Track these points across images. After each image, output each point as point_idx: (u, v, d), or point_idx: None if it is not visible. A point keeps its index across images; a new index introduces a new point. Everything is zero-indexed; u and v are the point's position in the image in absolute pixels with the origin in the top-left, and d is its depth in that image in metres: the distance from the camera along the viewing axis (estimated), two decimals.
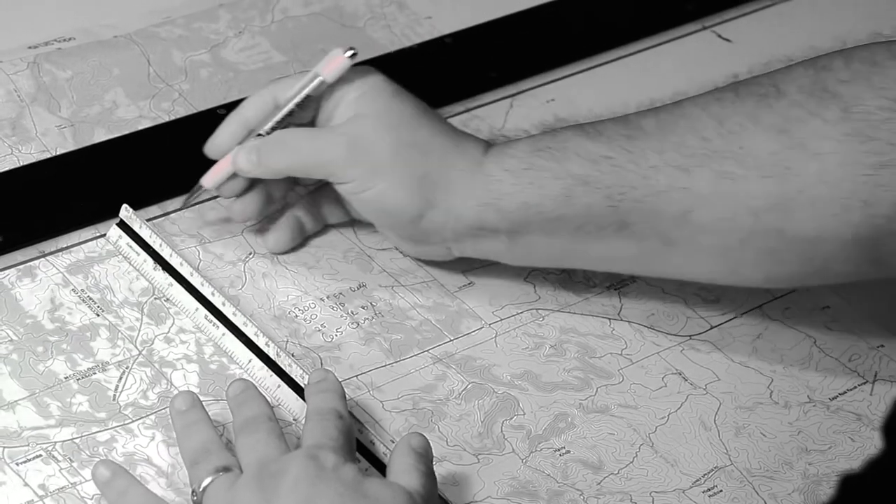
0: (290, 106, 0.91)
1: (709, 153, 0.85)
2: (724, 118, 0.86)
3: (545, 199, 0.88)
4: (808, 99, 0.84)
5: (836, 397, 0.92)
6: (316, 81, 0.90)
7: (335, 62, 0.90)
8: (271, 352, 0.87)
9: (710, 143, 0.86)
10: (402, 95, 0.91)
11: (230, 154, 0.91)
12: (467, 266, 0.95)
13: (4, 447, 0.82)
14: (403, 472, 0.79)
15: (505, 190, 0.88)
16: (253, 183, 0.92)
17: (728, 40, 1.14)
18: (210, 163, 0.93)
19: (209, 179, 0.92)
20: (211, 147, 0.92)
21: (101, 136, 0.99)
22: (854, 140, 0.83)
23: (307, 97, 0.90)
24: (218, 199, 0.97)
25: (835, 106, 0.84)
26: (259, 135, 0.91)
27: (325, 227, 0.96)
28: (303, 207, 0.94)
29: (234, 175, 0.92)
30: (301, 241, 0.94)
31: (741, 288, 0.94)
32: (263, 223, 0.94)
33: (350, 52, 0.90)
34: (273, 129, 0.91)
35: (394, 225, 0.91)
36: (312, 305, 0.92)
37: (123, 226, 0.93)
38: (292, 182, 0.94)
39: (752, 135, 0.85)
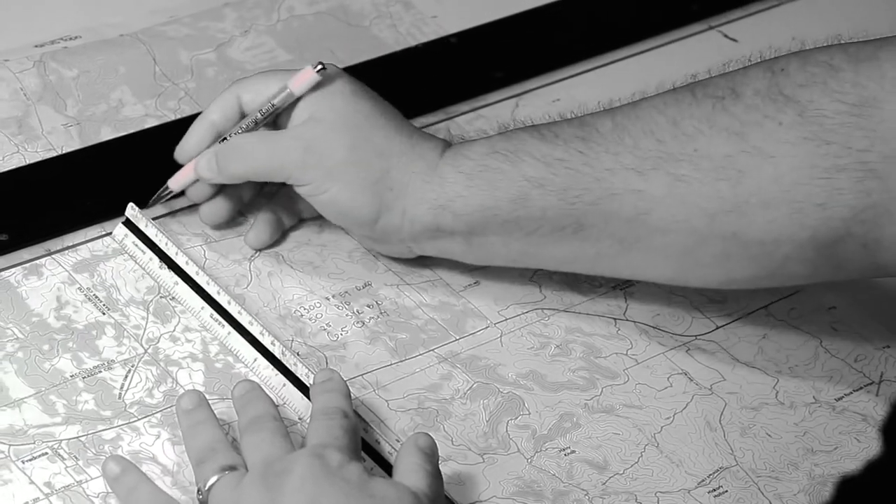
0: (257, 115, 0.91)
1: (663, 156, 0.85)
2: (679, 120, 0.86)
3: (500, 202, 0.88)
4: (764, 102, 0.84)
5: (841, 398, 0.92)
6: (284, 94, 0.91)
7: (304, 76, 0.90)
8: (277, 351, 0.87)
9: (665, 146, 0.86)
10: (361, 96, 0.91)
11: (193, 161, 0.92)
12: (473, 265, 0.95)
13: (10, 445, 0.82)
14: (410, 472, 0.79)
15: (459, 192, 0.88)
16: (221, 186, 0.93)
17: (734, 40, 1.14)
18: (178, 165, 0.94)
19: (176, 182, 0.93)
20: (180, 152, 0.93)
21: (107, 134, 0.99)
22: (810, 143, 0.83)
23: (274, 108, 0.91)
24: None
25: (790, 110, 0.84)
26: (224, 139, 0.92)
27: (330, 227, 0.96)
28: (278, 203, 0.95)
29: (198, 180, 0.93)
30: (279, 235, 0.94)
31: (742, 290, 0.94)
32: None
33: (319, 68, 0.90)
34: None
35: (351, 226, 0.92)
36: (318, 304, 0.92)
37: (129, 224, 0.93)
38: (259, 184, 0.94)
39: (707, 138, 0.85)
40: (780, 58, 0.87)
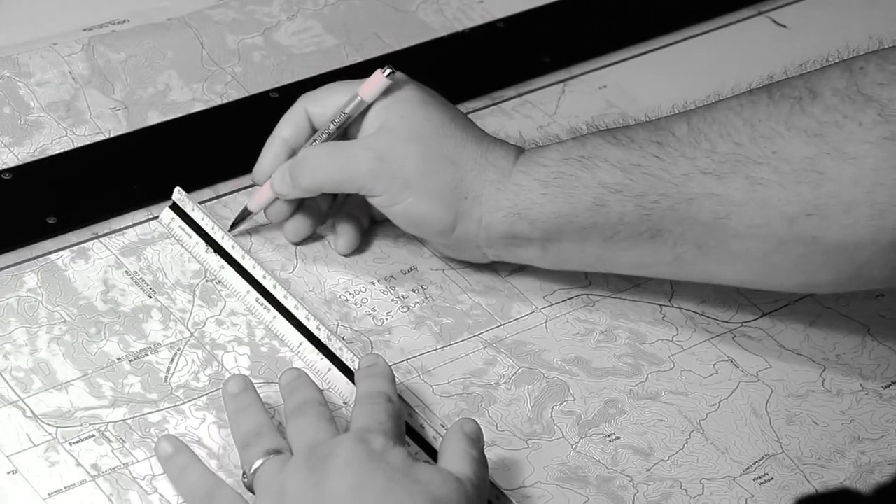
0: (330, 126, 0.91)
1: (742, 159, 0.85)
2: (756, 122, 0.85)
3: (576, 209, 0.87)
4: (843, 102, 0.83)
5: (888, 386, 0.91)
6: (355, 101, 0.90)
7: (374, 81, 0.89)
8: (322, 335, 0.88)
9: (743, 149, 0.85)
10: (431, 103, 0.90)
11: (270, 178, 0.92)
12: None
13: (58, 427, 0.83)
14: (455, 458, 0.79)
15: (534, 200, 0.88)
16: (299, 203, 0.92)
17: (783, 26, 1.13)
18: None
19: (255, 204, 0.93)
20: (257, 173, 0.92)
21: (154, 118, 0.99)
22: (891, 143, 0.82)
23: (347, 117, 0.90)
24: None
25: (870, 109, 0.83)
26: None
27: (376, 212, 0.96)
28: (354, 207, 0.94)
29: (277, 198, 0.92)
30: (362, 239, 0.94)
31: None
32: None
33: (388, 72, 0.89)
34: None
35: (427, 235, 0.91)
36: (363, 289, 0.93)
37: (176, 208, 0.93)
38: (334, 194, 0.94)
39: (785, 140, 0.84)
40: (859, 57, 0.85)
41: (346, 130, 0.91)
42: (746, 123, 0.85)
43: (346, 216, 0.94)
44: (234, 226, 0.93)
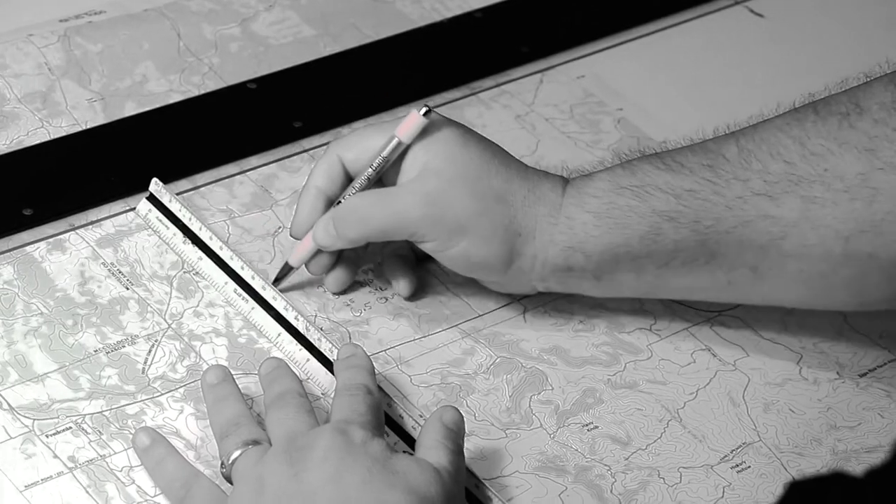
0: (369, 171, 0.87)
1: (794, 178, 0.84)
2: (806, 140, 0.84)
3: (631, 239, 0.86)
4: (891, 115, 0.82)
5: (865, 374, 0.91)
6: (393, 143, 0.87)
7: (410, 122, 0.87)
8: (300, 326, 0.88)
9: (795, 168, 0.84)
10: (471, 142, 0.88)
11: (311, 231, 0.89)
12: None
13: (35, 419, 0.83)
14: (431, 449, 0.79)
15: (589, 232, 0.86)
16: (339, 252, 0.90)
17: (760, 15, 1.14)
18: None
19: (296, 258, 0.89)
20: (295, 227, 0.89)
21: (131, 109, 0.99)
22: None
23: (385, 160, 0.87)
24: (248, 172, 0.97)
25: None
26: (339, 202, 0.88)
27: None
28: (400, 246, 0.92)
29: (319, 250, 0.89)
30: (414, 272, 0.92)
31: None
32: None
33: (424, 110, 0.87)
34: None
35: (480, 275, 0.89)
36: None
37: (153, 199, 0.93)
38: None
39: (836, 157, 0.83)
40: None
41: (380, 176, 0.88)
42: (796, 142, 0.84)
43: (397, 259, 0.91)
44: (276, 281, 0.90)
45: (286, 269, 0.90)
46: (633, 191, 0.86)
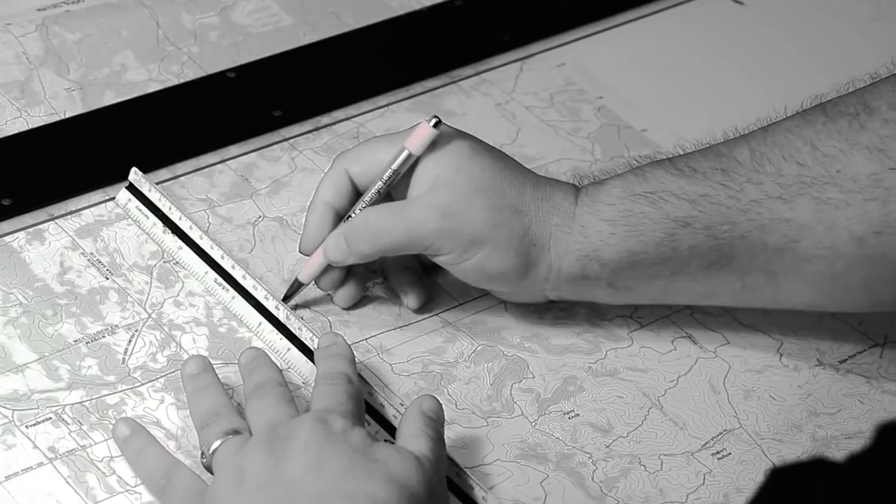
0: (379, 185, 0.86)
1: (807, 180, 0.83)
2: (817, 141, 0.84)
3: (647, 246, 0.86)
4: None
5: (845, 360, 0.92)
6: (403, 155, 0.86)
7: (421, 134, 0.85)
8: (281, 315, 0.87)
9: (808, 169, 0.84)
10: (481, 152, 0.87)
11: (321, 247, 0.88)
12: None
13: (14, 410, 0.82)
14: (412, 437, 0.79)
15: (604, 240, 0.86)
16: (349, 267, 0.89)
17: (740, 2, 1.14)
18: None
19: (306, 274, 0.88)
20: (304, 243, 0.88)
21: (110, 99, 0.99)
22: None
23: (395, 173, 0.86)
24: (227, 161, 0.97)
25: None
26: (350, 216, 0.87)
27: None
28: (406, 259, 0.91)
29: (329, 266, 0.88)
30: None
31: None
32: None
33: (434, 121, 0.86)
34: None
35: (495, 286, 0.89)
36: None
37: (133, 189, 0.93)
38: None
39: (848, 157, 0.83)
40: None
41: (389, 193, 0.87)
42: (807, 143, 0.84)
43: (403, 271, 0.90)
44: (286, 298, 0.89)
45: (296, 286, 0.89)
46: (648, 197, 0.86)
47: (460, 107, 1.03)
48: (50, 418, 0.82)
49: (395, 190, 0.87)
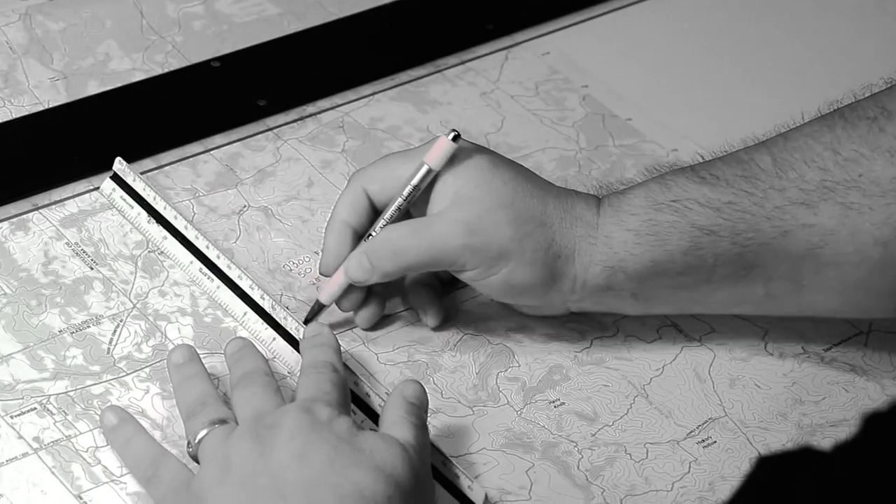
0: (399, 202, 0.85)
1: (830, 185, 0.83)
2: (838, 146, 0.84)
3: (672, 255, 0.85)
4: None
5: (830, 348, 0.92)
6: (423, 171, 0.85)
7: (440, 148, 0.85)
8: (266, 305, 0.87)
9: (830, 174, 0.83)
10: (501, 165, 0.86)
11: (342, 267, 0.87)
12: None
13: None
14: (395, 425, 0.79)
15: (629, 251, 0.85)
16: (370, 287, 0.88)
17: None
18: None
19: (327, 296, 0.87)
20: (325, 264, 0.87)
21: (94, 88, 0.99)
22: None
23: (415, 189, 0.85)
24: (212, 151, 0.97)
25: None
26: (370, 235, 0.86)
27: (319, 182, 0.96)
28: (425, 276, 0.90)
29: (350, 286, 0.87)
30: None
31: None
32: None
33: (453, 135, 0.85)
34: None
35: (520, 300, 0.88)
36: (307, 259, 0.92)
37: (117, 179, 0.93)
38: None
39: (869, 161, 0.83)
40: None
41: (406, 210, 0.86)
42: (828, 148, 0.84)
43: (422, 288, 0.90)
44: (308, 321, 0.88)
45: (317, 308, 0.88)
46: (672, 206, 0.85)
47: (445, 96, 1.03)
48: (35, 408, 0.82)
49: (413, 207, 0.86)
